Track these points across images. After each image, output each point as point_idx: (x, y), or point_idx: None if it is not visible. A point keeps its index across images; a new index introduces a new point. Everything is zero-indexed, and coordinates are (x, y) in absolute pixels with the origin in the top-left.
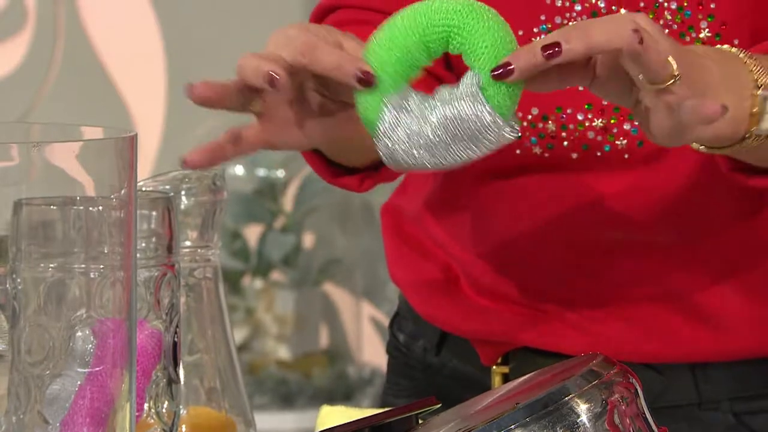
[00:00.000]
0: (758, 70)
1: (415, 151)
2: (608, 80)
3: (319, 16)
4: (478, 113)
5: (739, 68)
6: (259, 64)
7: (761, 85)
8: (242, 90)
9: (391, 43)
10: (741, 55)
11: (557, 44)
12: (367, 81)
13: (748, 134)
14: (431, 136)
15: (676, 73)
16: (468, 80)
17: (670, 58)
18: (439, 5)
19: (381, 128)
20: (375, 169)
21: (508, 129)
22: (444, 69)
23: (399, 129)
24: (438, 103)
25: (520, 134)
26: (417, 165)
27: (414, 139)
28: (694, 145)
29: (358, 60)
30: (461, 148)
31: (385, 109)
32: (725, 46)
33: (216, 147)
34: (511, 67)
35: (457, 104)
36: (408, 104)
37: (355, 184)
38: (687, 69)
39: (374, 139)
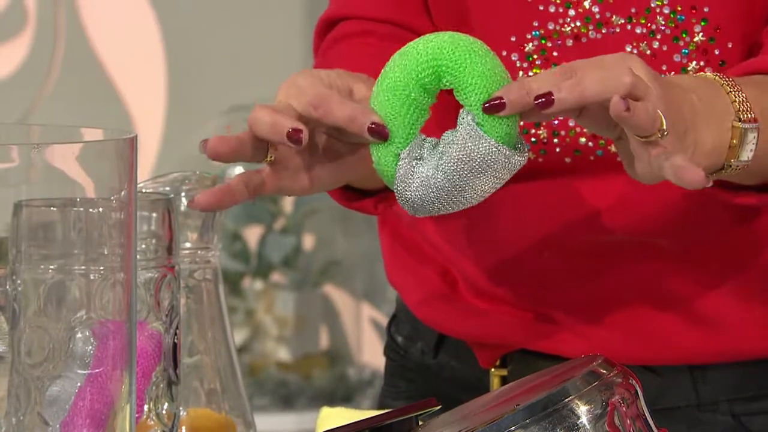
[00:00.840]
0: (740, 101)
1: (433, 198)
2: (596, 114)
3: (323, 30)
4: (483, 150)
5: (721, 99)
6: (276, 120)
7: (742, 117)
8: (255, 142)
9: (390, 94)
10: (724, 85)
11: (550, 94)
12: (380, 133)
13: (728, 164)
14: (445, 183)
15: (663, 128)
16: (464, 119)
17: (660, 113)
18: (424, 45)
19: (397, 181)
20: (389, 191)
21: (517, 155)
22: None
23: (414, 180)
24: (443, 149)
25: (530, 153)
26: (439, 211)
27: (430, 188)
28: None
29: (371, 113)
30: (477, 186)
31: (400, 161)
32: (709, 74)
33: (227, 191)
34: (503, 101)
35: (460, 146)
36: (422, 152)
37: (369, 207)
38: (671, 107)
39: (393, 189)
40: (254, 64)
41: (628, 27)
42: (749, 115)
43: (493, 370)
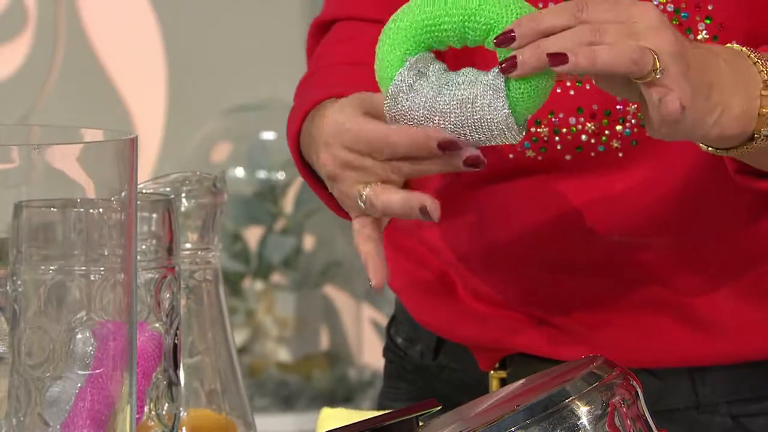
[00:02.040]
0: (767, 71)
1: (414, 116)
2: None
3: (317, 32)
4: (496, 107)
5: (748, 68)
6: (404, 197)
7: None
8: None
9: (430, 10)
10: (751, 55)
11: (564, 55)
12: (450, 148)
13: (757, 134)
14: (441, 107)
15: (657, 67)
16: (493, 71)
17: (650, 51)
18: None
19: (395, 85)
20: None
21: (514, 133)
22: None
23: (412, 91)
24: (460, 81)
25: (530, 152)
26: (413, 124)
27: (423, 105)
28: (702, 146)
29: (436, 133)
30: (462, 129)
31: (404, 68)
32: (735, 45)
33: (381, 262)
34: (513, 34)
35: (478, 89)
36: (428, 70)
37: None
38: (692, 67)
39: (384, 93)
40: (254, 64)
41: None
42: None
43: (492, 372)
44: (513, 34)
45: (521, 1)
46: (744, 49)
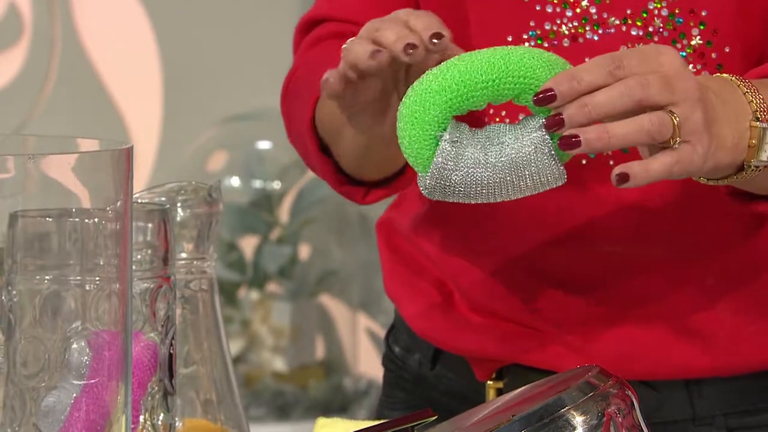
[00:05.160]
0: (757, 101)
1: (474, 186)
2: None
3: (305, 29)
4: (548, 164)
5: (738, 98)
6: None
7: (760, 117)
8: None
9: (461, 77)
10: (741, 86)
11: (577, 137)
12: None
13: (747, 164)
14: (491, 177)
15: (677, 138)
16: (534, 127)
17: (673, 120)
18: (519, 59)
19: (437, 162)
20: (383, 185)
21: (563, 179)
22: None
23: (460, 165)
24: (502, 146)
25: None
26: (466, 200)
27: (475, 178)
28: (695, 177)
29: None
30: (515, 190)
31: (441, 143)
32: (725, 75)
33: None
34: (553, 93)
35: (525, 151)
36: (460, 137)
37: (358, 196)
38: (709, 111)
39: (423, 173)
40: (250, 74)
41: (623, 28)
42: (767, 115)
43: (489, 382)
44: (553, 93)
45: (551, 55)
46: (734, 78)
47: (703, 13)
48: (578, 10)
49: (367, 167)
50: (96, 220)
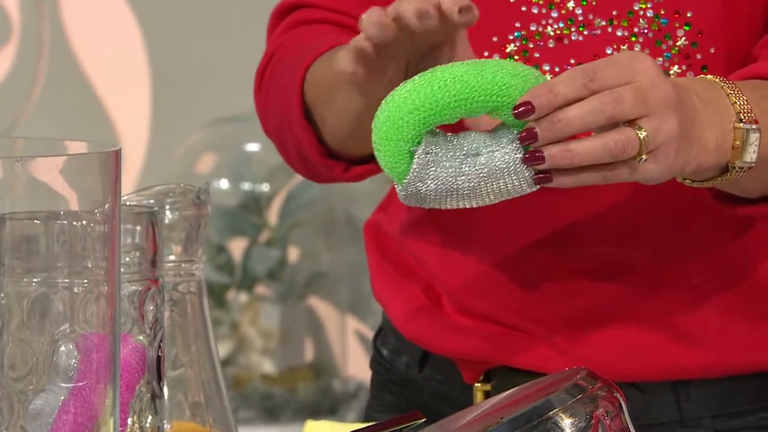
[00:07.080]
0: (740, 103)
1: (444, 198)
2: None
3: (280, 15)
4: (521, 174)
5: (722, 100)
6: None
7: (743, 119)
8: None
9: (434, 96)
10: (724, 87)
11: (549, 174)
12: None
13: (732, 166)
14: (466, 186)
15: (642, 155)
16: (509, 139)
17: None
18: (492, 76)
19: (410, 176)
20: (366, 162)
21: (534, 188)
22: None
23: (429, 176)
24: (477, 157)
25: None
26: (441, 206)
27: (447, 186)
28: (680, 179)
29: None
30: (489, 197)
31: (416, 162)
32: (709, 77)
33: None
34: (535, 132)
35: (499, 162)
36: (436, 152)
37: (338, 171)
38: (686, 121)
39: (399, 183)
40: (239, 77)
41: (609, 29)
42: (750, 117)
43: (477, 385)
44: (531, 106)
45: (526, 68)
46: (717, 80)
47: (689, 14)
48: (564, 12)
49: (356, 138)
50: (84, 222)
